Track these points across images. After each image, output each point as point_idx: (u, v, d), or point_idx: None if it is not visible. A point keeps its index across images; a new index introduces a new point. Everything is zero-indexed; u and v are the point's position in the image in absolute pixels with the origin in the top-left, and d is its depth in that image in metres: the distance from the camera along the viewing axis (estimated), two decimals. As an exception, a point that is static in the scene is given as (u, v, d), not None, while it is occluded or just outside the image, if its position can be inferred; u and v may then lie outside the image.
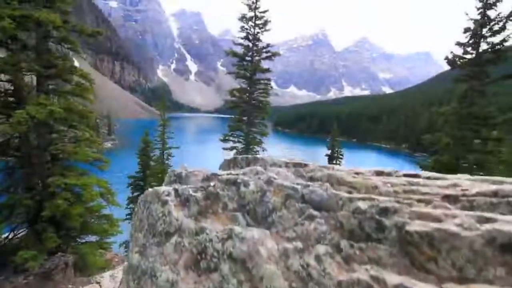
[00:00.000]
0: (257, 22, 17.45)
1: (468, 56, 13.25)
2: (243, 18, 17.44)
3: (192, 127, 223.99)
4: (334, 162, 28.67)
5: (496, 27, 12.24)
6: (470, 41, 13.07)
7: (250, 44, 17.95)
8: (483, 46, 12.91)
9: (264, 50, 17.93)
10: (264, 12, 17.34)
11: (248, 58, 18.09)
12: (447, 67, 14.48)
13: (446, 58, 13.64)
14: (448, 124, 13.99)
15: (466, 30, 12.97)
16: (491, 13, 12.40)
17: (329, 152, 28.29)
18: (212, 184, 1.23)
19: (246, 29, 17.70)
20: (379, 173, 1.05)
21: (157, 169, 16.95)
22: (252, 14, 17.36)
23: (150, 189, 1.68)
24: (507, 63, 12.50)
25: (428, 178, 1.01)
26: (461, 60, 13.43)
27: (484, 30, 12.57)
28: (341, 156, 29.24)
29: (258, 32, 17.69)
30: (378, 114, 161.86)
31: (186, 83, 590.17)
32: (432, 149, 15.63)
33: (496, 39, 12.50)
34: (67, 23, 8.38)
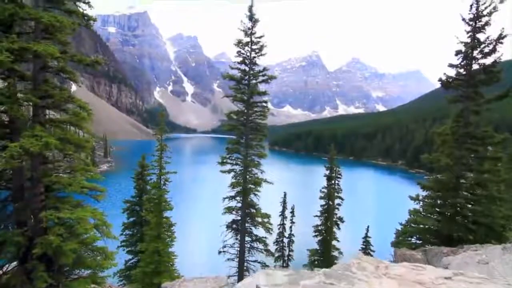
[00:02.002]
0: (253, 47, 17.81)
1: (461, 77, 13.54)
2: (239, 43, 17.79)
3: (189, 148, 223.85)
4: (333, 182, 28.44)
5: (486, 49, 12.60)
6: (462, 63, 13.40)
7: (247, 68, 18.22)
8: (475, 67, 13.23)
9: (261, 73, 18.19)
10: (260, 37, 17.75)
11: (245, 82, 18.31)
12: (438, 85, 14.72)
13: (440, 79, 13.91)
14: (446, 144, 14.02)
15: (458, 52, 13.33)
16: (481, 36, 12.81)
17: (327, 172, 28.08)
18: None
19: (243, 53, 18.02)
20: None
21: (154, 195, 16.56)
22: (248, 39, 17.75)
23: None
24: (501, 82, 12.76)
25: None
26: (454, 82, 13.70)
27: (475, 52, 12.93)
28: (339, 176, 29.04)
29: (254, 57, 18.01)
30: (373, 131, 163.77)
31: (183, 104, 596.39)
32: (429, 165, 15.59)
33: (488, 60, 12.85)
34: (66, 54, 8.41)
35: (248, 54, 17.99)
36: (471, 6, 12.58)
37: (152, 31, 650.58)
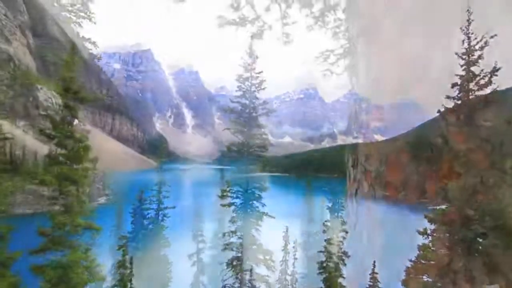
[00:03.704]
0: (253, 82, 18.30)
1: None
2: (239, 78, 18.32)
3: (189, 179, 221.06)
4: (336, 214, 27.60)
5: (482, 82, 12.83)
6: (459, 95, 13.58)
7: (247, 102, 18.57)
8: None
9: (261, 107, 18.51)
10: (259, 73, 18.31)
11: (245, 115, 18.56)
12: (434, 114, 14.81)
13: (439, 111, 14.04)
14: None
15: (454, 85, 13.57)
16: (475, 69, 13.11)
17: (330, 204, 27.34)
18: None
19: (243, 88, 18.48)
20: None
21: (152, 230, 15.98)
22: (248, 74, 18.30)
23: None
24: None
25: None
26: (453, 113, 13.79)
27: (471, 85, 13.16)
28: (342, 208, 28.23)
29: (254, 91, 18.45)
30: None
31: (183, 136, 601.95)
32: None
33: (484, 92, 13.03)
34: (69, 90, 8.50)
35: (248, 88, 18.44)
36: (463, 41, 13.06)
37: (155, 67, 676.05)
